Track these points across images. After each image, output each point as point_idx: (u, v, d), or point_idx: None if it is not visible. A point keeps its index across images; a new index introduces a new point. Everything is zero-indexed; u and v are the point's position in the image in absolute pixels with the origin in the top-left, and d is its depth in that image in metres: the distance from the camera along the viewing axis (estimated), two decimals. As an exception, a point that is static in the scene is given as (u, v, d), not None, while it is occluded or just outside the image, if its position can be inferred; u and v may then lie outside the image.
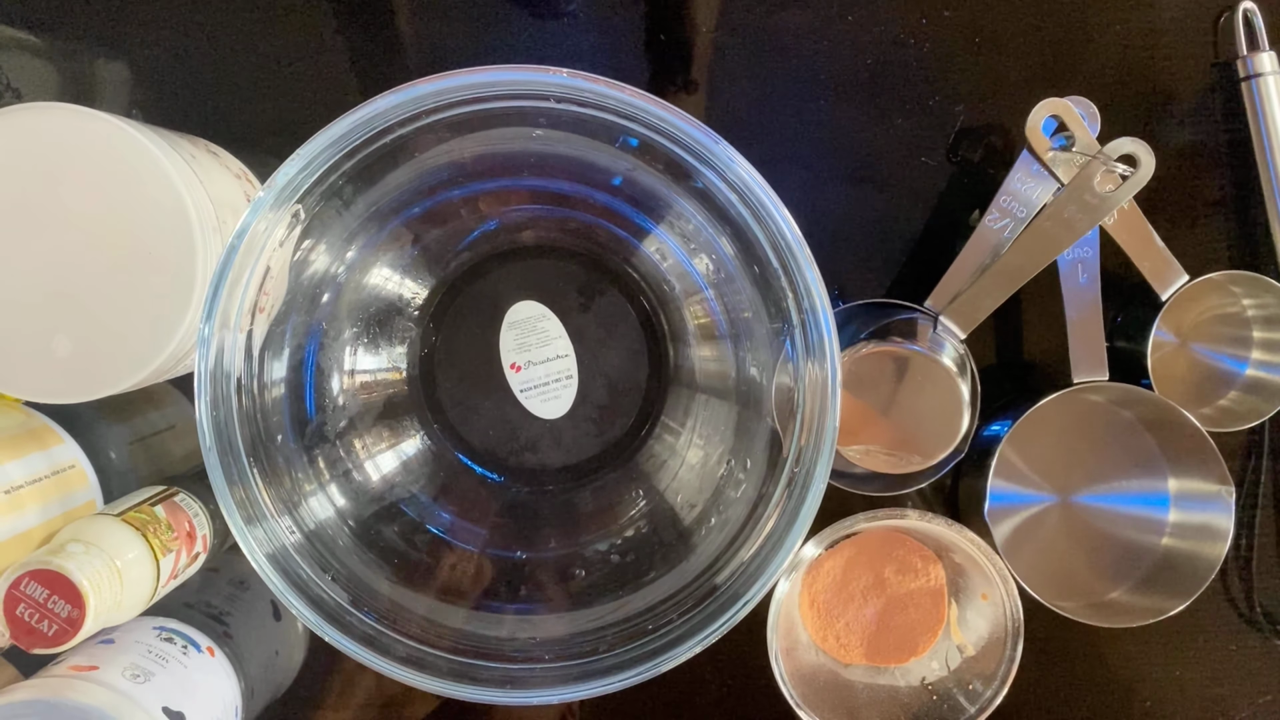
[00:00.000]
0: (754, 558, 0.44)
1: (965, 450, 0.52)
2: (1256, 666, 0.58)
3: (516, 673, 0.43)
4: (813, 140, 0.55)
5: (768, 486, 0.45)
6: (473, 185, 0.48)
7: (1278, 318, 0.53)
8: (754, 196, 0.41)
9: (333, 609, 0.42)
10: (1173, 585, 0.52)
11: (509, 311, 0.51)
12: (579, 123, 0.42)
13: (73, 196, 0.42)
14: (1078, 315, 0.51)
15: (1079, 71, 0.55)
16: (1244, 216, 0.55)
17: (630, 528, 0.50)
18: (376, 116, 0.40)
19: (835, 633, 0.54)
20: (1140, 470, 0.55)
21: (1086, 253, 0.51)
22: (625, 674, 0.42)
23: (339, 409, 0.48)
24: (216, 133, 0.52)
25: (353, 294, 0.48)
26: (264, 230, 0.40)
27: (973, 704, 0.51)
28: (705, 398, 0.51)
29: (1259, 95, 0.53)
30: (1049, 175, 0.50)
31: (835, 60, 0.54)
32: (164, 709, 0.45)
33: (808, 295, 0.42)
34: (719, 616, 0.42)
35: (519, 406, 0.51)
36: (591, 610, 0.47)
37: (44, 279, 0.43)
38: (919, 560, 0.54)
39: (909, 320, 0.51)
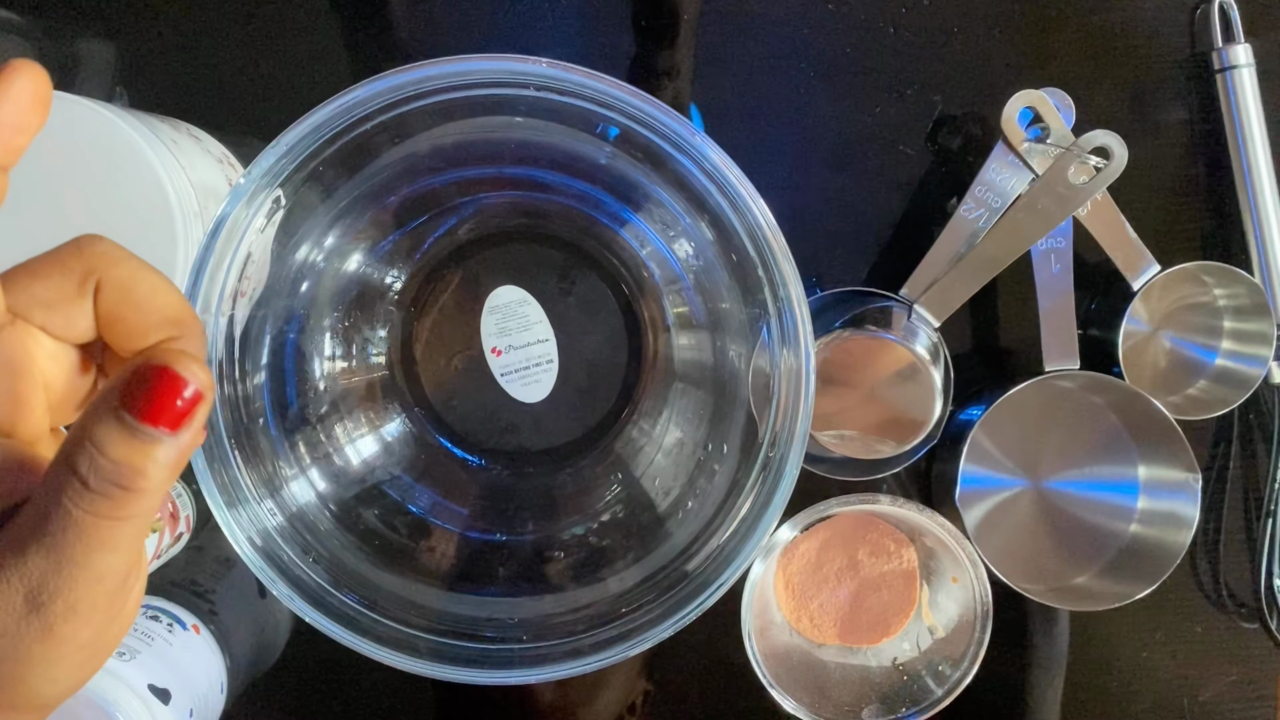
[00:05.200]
0: (729, 541, 0.44)
1: (938, 436, 0.52)
2: (1223, 648, 0.59)
3: (495, 653, 0.44)
4: (792, 128, 0.55)
5: (743, 471, 0.46)
6: (454, 172, 0.49)
7: (1248, 308, 0.54)
8: (730, 185, 0.42)
9: (314, 590, 0.42)
10: (1138, 571, 0.53)
11: (490, 296, 0.51)
12: (559, 111, 0.43)
13: (53, 182, 0.43)
14: (1050, 304, 0.52)
15: (1056, 62, 0.55)
16: (1217, 207, 0.56)
17: (607, 512, 0.51)
18: (358, 104, 0.40)
19: (809, 613, 0.55)
20: (1110, 457, 0.56)
21: (1059, 242, 0.52)
22: (602, 654, 0.43)
23: (320, 393, 0.49)
24: (199, 115, 0.52)
25: (334, 279, 0.48)
26: (245, 216, 0.40)
27: (941, 685, 0.52)
28: (683, 385, 0.51)
29: (1233, 87, 0.53)
30: (1024, 166, 0.51)
31: (815, 48, 0.55)
32: (149, 686, 0.46)
33: (783, 285, 0.42)
34: (694, 599, 0.43)
35: (500, 390, 0.52)
36: (569, 592, 0.48)
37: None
38: (892, 543, 0.55)
39: (884, 308, 0.52)
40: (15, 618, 0.21)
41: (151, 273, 0.24)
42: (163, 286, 0.24)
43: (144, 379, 0.21)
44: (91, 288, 0.23)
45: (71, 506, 0.21)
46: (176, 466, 0.22)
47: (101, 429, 0.21)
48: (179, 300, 0.24)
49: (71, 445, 0.21)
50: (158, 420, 0.21)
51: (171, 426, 0.21)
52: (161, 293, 0.24)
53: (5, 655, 0.22)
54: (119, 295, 0.23)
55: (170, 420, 0.21)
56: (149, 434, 0.21)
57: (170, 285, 0.24)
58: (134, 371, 0.21)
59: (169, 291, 0.24)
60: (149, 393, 0.21)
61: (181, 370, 0.21)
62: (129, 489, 0.21)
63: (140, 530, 0.22)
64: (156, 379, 0.21)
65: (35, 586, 0.21)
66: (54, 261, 0.24)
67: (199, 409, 0.22)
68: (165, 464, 0.21)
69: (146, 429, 0.21)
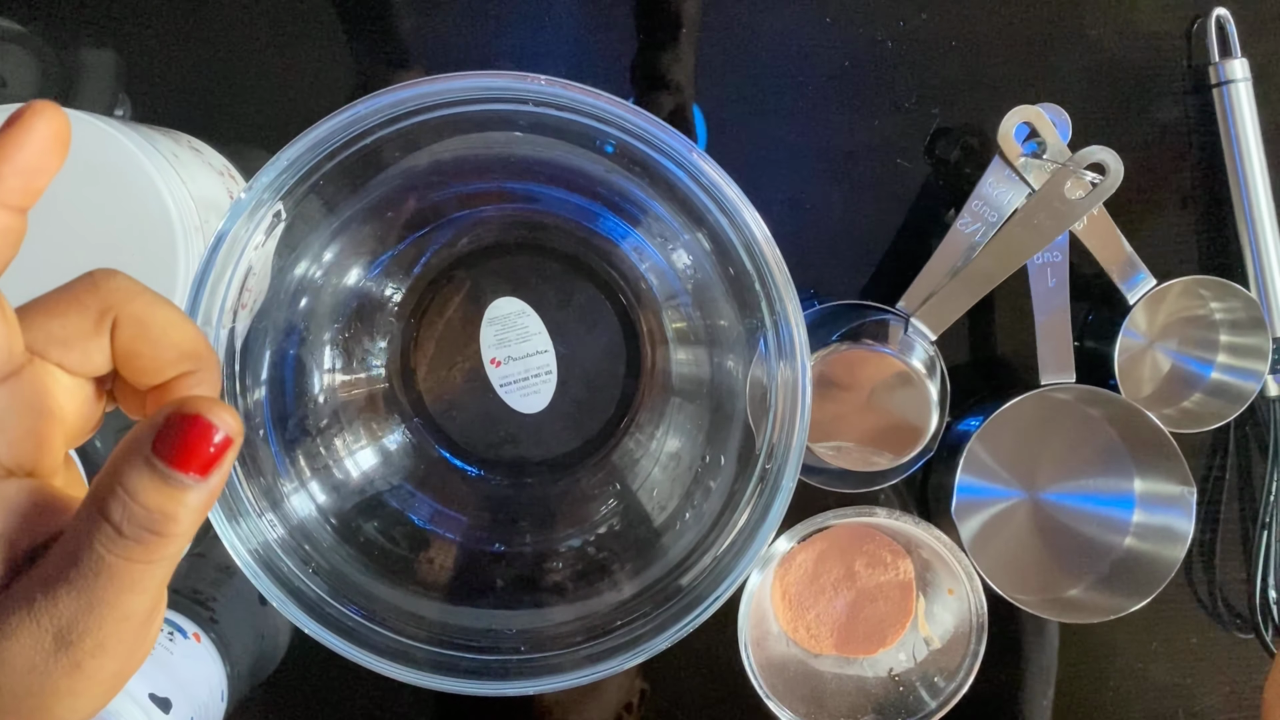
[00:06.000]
0: (726, 554, 0.45)
1: (935, 448, 0.53)
2: (1218, 659, 0.59)
3: (493, 664, 0.44)
4: (790, 140, 0.55)
5: (740, 484, 0.46)
6: (454, 186, 0.49)
7: (1244, 322, 0.54)
8: (727, 201, 0.42)
9: (313, 601, 0.43)
10: (1134, 584, 0.54)
11: (489, 308, 0.51)
12: (558, 126, 0.43)
13: (54, 197, 0.43)
14: (1046, 317, 0.52)
15: (1053, 75, 0.55)
16: (1213, 221, 0.56)
17: (605, 524, 0.51)
18: (359, 119, 0.40)
19: (806, 624, 0.55)
20: (1106, 470, 0.56)
21: (1055, 257, 0.52)
22: (600, 665, 0.43)
23: (320, 405, 0.49)
24: (201, 126, 0.52)
25: (334, 292, 0.49)
26: (245, 231, 0.41)
27: (936, 697, 0.53)
28: (680, 398, 0.52)
29: (1230, 101, 0.54)
30: (1020, 181, 0.51)
31: (814, 61, 0.55)
32: (150, 695, 0.46)
33: (780, 299, 0.43)
34: (691, 611, 0.43)
35: (499, 401, 0.52)
36: (567, 604, 0.48)
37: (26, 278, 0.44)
38: (888, 554, 0.56)
39: (881, 322, 0.52)
40: (44, 655, 0.22)
41: (167, 307, 0.24)
42: (178, 321, 0.24)
43: (176, 427, 0.21)
44: (109, 324, 0.23)
45: (104, 552, 0.21)
46: (205, 509, 0.22)
47: (134, 476, 0.21)
48: (195, 334, 0.25)
49: (103, 492, 0.21)
50: (189, 467, 0.21)
51: (202, 472, 0.21)
52: (177, 327, 0.24)
53: (33, 689, 0.22)
54: (135, 331, 0.24)
55: (201, 466, 0.21)
56: (181, 481, 0.21)
57: (185, 319, 0.25)
58: (166, 420, 0.21)
59: (184, 326, 0.24)
60: (182, 441, 0.21)
61: (213, 418, 0.22)
62: (161, 534, 0.22)
63: (168, 571, 0.22)
64: (189, 427, 0.21)
65: (65, 626, 0.22)
66: (70, 298, 0.24)
67: (228, 454, 0.22)
68: (195, 508, 0.22)
69: (179, 476, 0.21)
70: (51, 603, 0.21)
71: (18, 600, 0.22)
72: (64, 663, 0.22)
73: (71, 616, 0.21)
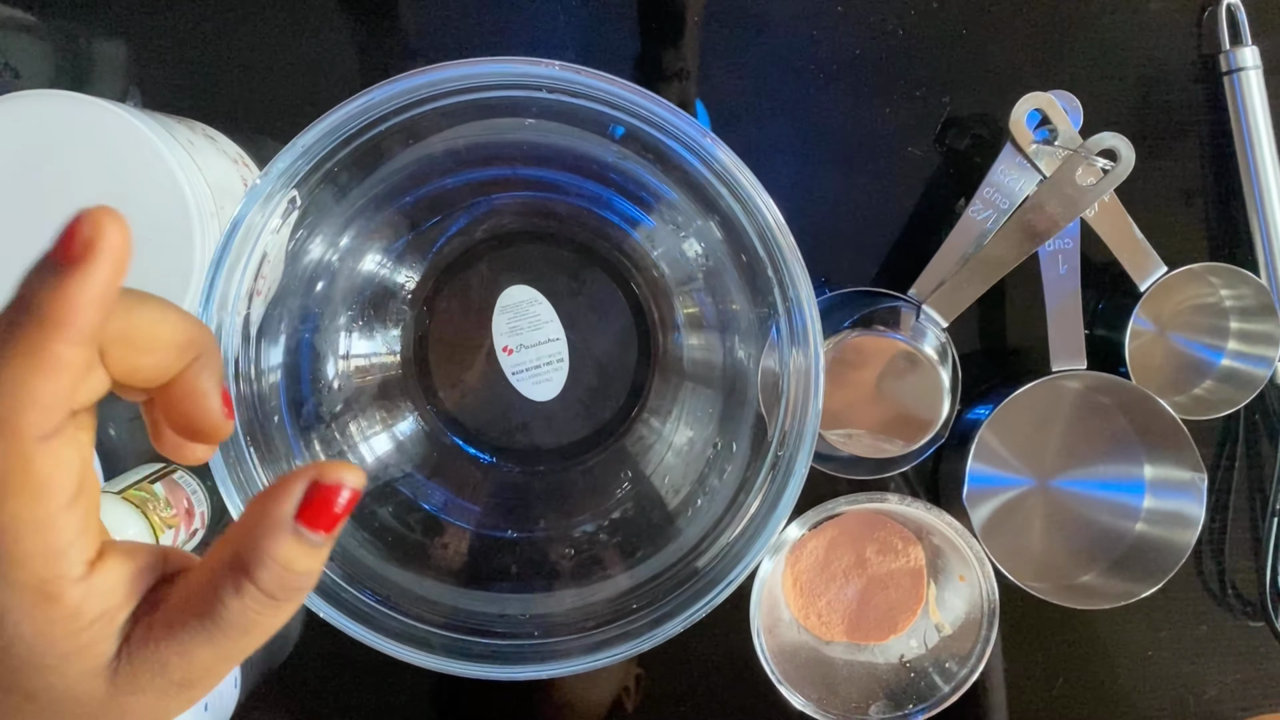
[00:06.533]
0: (738, 539, 0.45)
1: (946, 435, 0.53)
2: (1227, 646, 0.59)
3: (507, 649, 0.44)
4: (801, 129, 0.55)
5: (752, 470, 0.46)
6: (467, 173, 0.49)
7: (1254, 309, 0.54)
8: (739, 186, 0.42)
9: (328, 586, 0.43)
10: (1144, 569, 0.54)
11: (501, 296, 0.52)
12: (570, 113, 0.43)
13: (71, 183, 0.43)
14: (1057, 304, 0.53)
15: (1064, 63, 0.55)
16: (1223, 209, 0.56)
17: (618, 509, 0.51)
18: (371, 107, 0.41)
19: (817, 611, 0.55)
20: (1116, 456, 0.56)
21: (1067, 244, 0.52)
22: (613, 650, 0.43)
23: (334, 391, 0.49)
24: (214, 115, 0.52)
25: (347, 279, 0.49)
26: (260, 217, 0.41)
27: (948, 683, 0.53)
28: (693, 385, 0.52)
29: (1240, 89, 0.54)
30: (1032, 168, 0.51)
31: (824, 49, 0.55)
32: (164, 680, 0.46)
33: (793, 285, 0.43)
34: (703, 596, 0.43)
35: (511, 389, 0.52)
36: (580, 589, 0.48)
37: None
38: (899, 541, 0.56)
39: (893, 308, 0.53)
40: (165, 700, 0.23)
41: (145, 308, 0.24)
42: (160, 318, 0.24)
43: (319, 496, 0.23)
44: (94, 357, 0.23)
45: (256, 615, 0.23)
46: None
47: (286, 548, 0.23)
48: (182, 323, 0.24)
49: (251, 563, 0.23)
50: (329, 529, 0.23)
51: (330, 529, 0.23)
52: (163, 325, 0.24)
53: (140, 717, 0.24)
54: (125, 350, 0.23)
55: (331, 526, 0.23)
56: (320, 541, 0.23)
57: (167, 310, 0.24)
58: (309, 493, 0.23)
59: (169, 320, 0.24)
60: (324, 508, 0.23)
61: (348, 481, 0.23)
62: (304, 589, 0.24)
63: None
64: (330, 495, 0.23)
65: (195, 676, 0.23)
66: None
67: (352, 509, 0.23)
68: (326, 558, 0.24)
69: (319, 538, 0.23)
70: (187, 661, 0.23)
71: (146, 664, 0.23)
72: (182, 700, 0.24)
73: (205, 668, 0.23)
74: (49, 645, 0.22)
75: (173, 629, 0.23)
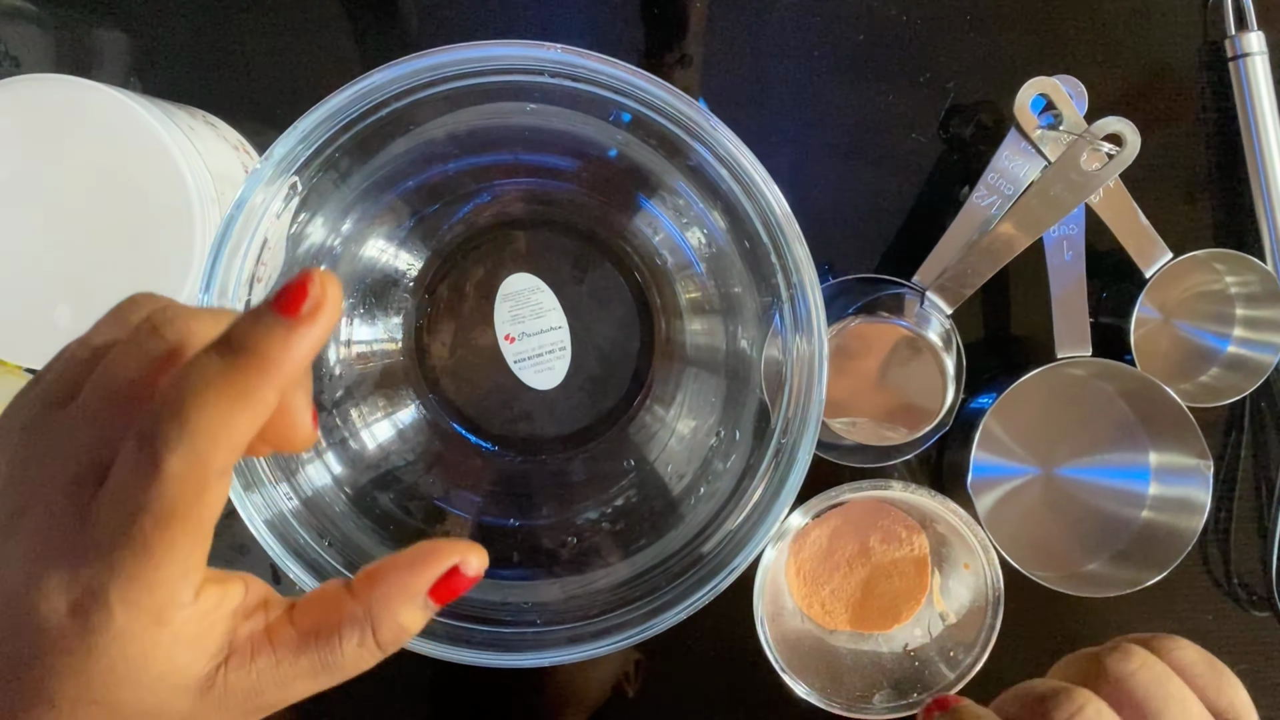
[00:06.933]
0: (740, 527, 0.45)
1: (950, 423, 0.53)
2: (1232, 636, 0.59)
3: (509, 636, 0.44)
4: (805, 115, 0.55)
5: (755, 457, 0.46)
6: (468, 159, 0.49)
7: (1260, 295, 0.54)
8: (744, 172, 0.42)
9: (330, 574, 0.43)
10: (1150, 557, 0.53)
11: (503, 284, 0.51)
12: (572, 97, 0.43)
13: (72, 168, 0.43)
14: (1062, 291, 0.52)
15: (1069, 49, 0.55)
16: (1229, 195, 0.56)
17: (620, 497, 0.51)
18: (372, 91, 0.40)
19: (821, 599, 0.55)
20: (1122, 444, 0.56)
21: (1072, 230, 0.52)
22: (614, 638, 0.43)
23: (335, 378, 0.49)
24: (215, 103, 0.52)
25: (349, 265, 0.49)
26: (261, 202, 0.41)
27: (953, 670, 0.52)
28: (695, 370, 0.51)
29: (1246, 75, 0.53)
30: (1036, 153, 0.51)
31: (828, 35, 0.55)
32: (165, 669, 0.46)
33: (796, 271, 0.43)
34: (706, 583, 0.43)
35: (513, 377, 0.52)
36: (582, 576, 0.48)
37: (45, 250, 0.44)
38: (903, 530, 0.55)
39: (896, 295, 0.52)
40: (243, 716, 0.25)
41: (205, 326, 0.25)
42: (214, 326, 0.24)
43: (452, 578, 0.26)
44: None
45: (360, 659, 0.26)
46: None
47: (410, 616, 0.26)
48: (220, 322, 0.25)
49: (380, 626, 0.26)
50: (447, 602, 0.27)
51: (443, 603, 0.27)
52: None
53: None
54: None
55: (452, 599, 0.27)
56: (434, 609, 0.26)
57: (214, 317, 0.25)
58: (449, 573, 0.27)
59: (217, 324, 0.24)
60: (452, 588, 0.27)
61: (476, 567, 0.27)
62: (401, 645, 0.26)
63: None
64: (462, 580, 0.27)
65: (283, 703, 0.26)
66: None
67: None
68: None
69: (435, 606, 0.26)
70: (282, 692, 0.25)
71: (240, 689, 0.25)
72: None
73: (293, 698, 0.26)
74: (148, 664, 0.23)
75: (280, 662, 0.25)
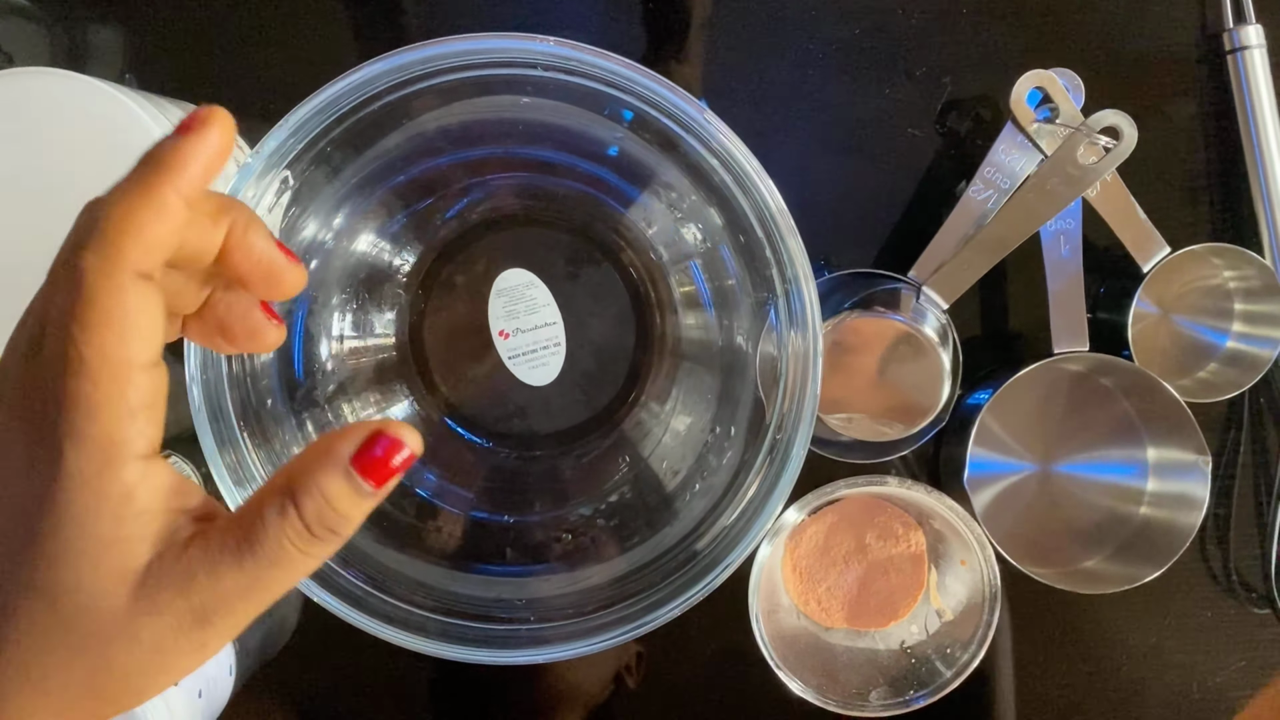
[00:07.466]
0: (735, 523, 0.45)
1: (947, 419, 0.52)
2: (1231, 633, 0.59)
3: (502, 633, 0.44)
4: (801, 110, 0.55)
5: (750, 453, 0.46)
6: (461, 152, 0.49)
7: (1259, 290, 0.54)
8: (739, 166, 0.42)
9: (322, 570, 0.43)
10: (1148, 553, 0.53)
11: (497, 279, 0.51)
12: (566, 91, 0.43)
13: (63, 162, 0.43)
14: (1059, 286, 0.52)
15: (1066, 43, 0.55)
16: (1227, 189, 0.56)
17: (614, 493, 0.51)
18: (364, 83, 0.40)
19: (817, 597, 0.55)
20: (1119, 440, 0.56)
21: (1069, 224, 0.52)
22: (609, 634, 0.43)
23: (328, 374, 0.49)
24: (207, 98, 0.52)
25: (341, 260, 0.48)
26: (253, 196, 0.41)
27: (949, 668, 0.52)
28: (690, 366, 0.51)
29: (1244, 68, 0.53)
30: (1033, 147, 0.50)
31: (824, 30, 0.54)
32: (157, 666, 0.46)
33: (791, 265, 0.42)
34: (700, 580, 0.43)
35: (507, 373, 0.52)
36: (576, 573, 0.48)
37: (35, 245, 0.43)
38: (900, 526, 0.55)
39: (893, 290, 0.52)
40: (177, 634, 0.24)
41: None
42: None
43: (377, 446, 0.24)
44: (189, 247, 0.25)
45: (288, 544, 0.24)
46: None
47: (334, 484, 0.24)
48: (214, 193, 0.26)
49: (300, 491, 0.24)
50: (379, 482, 0.24)
51: (380, 484, 0.24)
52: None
53: (147, 671, 0.24)
54: None
55: (383, 479, 0.24)
56: (368, 491, 0.24)
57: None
58: (369, 438, 0.24)
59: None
60: (379, 458, 0.24)
61: (408, 441, 0.24)
62: (338, 535, 0.24)
63: (318, 565, 0.25)
64: (389, 446, 0.24)
65: (214, 606, 0.24)
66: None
67: (404, 469, 0.24)
68: (367, 513, 0.25)
69: (367, 487, 0.24)
70: (213, 582, 0.23)
71: (172, 578, 0.23)
72: (194, 642, 0.24)
73: (226, 597, 0.24)
74: (95, 526, 0.23)
75: (208, 547, 0.23)
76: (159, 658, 0.24)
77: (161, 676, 0.24)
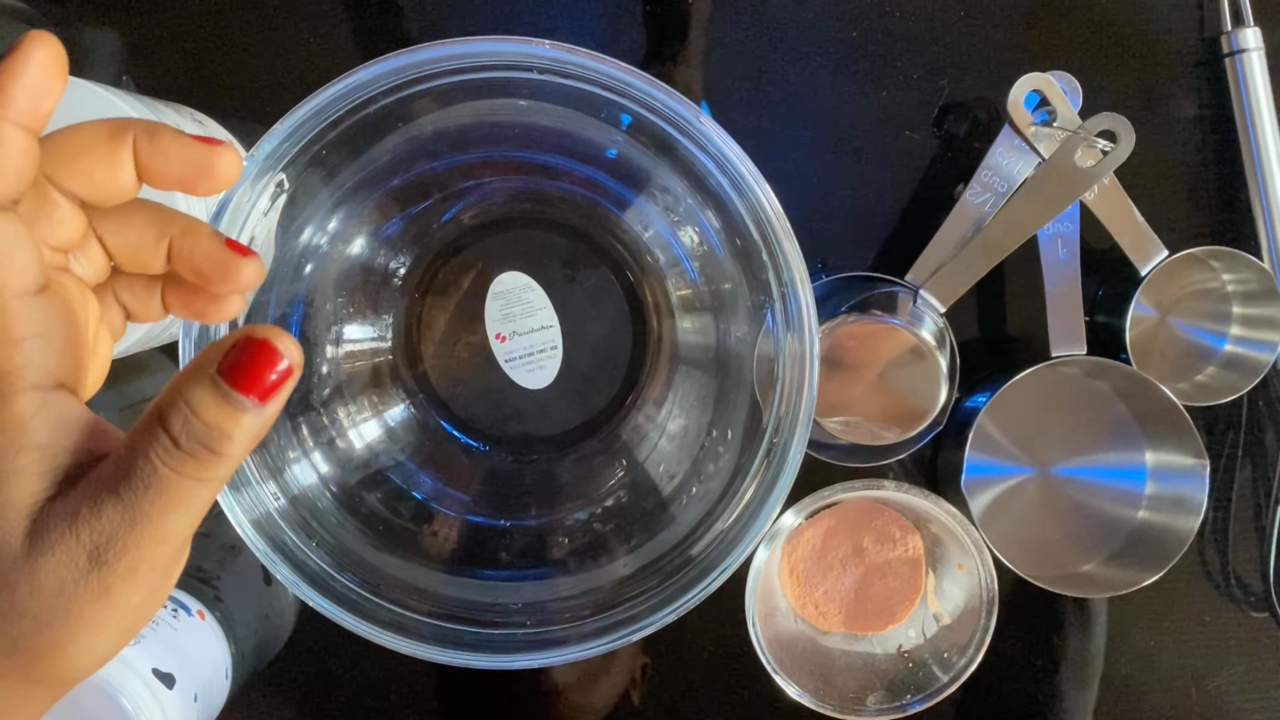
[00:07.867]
0: (732, 527, 0.44)
1: (944, 423, 0.52)
2: (1229, 638, 0.58)
3: (498, 638, 0.44)
4: (798, 114, 0.55)
5: (746, 457, 0.46)
6: (457, 156, 0.48)
7: (1257, 293, 0.54)
8: (735, 170, 0.41)
9: (317, 574, 0.42)
10: (1146, 558, 0.53)
11: (494, 282, 0.51)
12: (563, 94, 0.43)
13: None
14: (1057, 289, 0.52)
15: (1063, 46, 0.55)
16: (1225, 192, 0.56)
17: (611, 497, 0.50)
18: (360, 87, 0.40)
19: (814, 600, 0.55)
20: (1118, 444, 0.56)
21: (1066, 227, 0.52)
22: (606, 639, 0.43)
23: (324, 377, 0.49)
24: (204, 101, 0.52)
25: (337, 264, 0.48)
26: (248, 200, 0.40)
27: (947, 672, 0.52)
28: (687, 369, 0.51)
29: (1242, 71, 0.53)
30: (1030, 150, 0.50)
31: (822, 33, 0.54)
32: (153, 670, 0.46)
33: (787, 268, 0.42)
34: (697, 584, 0.43)
35: (504, 376, 0.51)
36: (572, 577, 0.47)
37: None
38: (897, 530, 0.55)
39: (890, 294, 0.52)
40: (76, 575, 0.22)
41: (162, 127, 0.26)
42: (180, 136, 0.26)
43: (243, 351, 0.23)
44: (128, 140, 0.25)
45: (159, 464, 0.22)
46: (258, 436, 0.23)
47: (198, 393, 0.22)
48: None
49: (165, 405, 0.22)
50: (250, 390, 0.22)
51: (261, 398, 0.23)
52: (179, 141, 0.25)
53: (55, 617, 0.22)
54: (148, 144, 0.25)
55: (261, 392, 0.23)
56: (241, 402, 0.22)
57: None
58: (235, 343, 0.23)
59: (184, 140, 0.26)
60: (247, 364, 0.22)
61: (279, 346, 0.23)
62: (215, 451, 0.23)
63: (211, 497, 0.23)
64: (256, 352, 0.23)
65: (104, 543, 0.22)
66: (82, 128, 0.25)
67: (287, 384, 0.23)
68: (250, 431, 0.23)
69: (239, 397, 0.22)
70: (95, 515, 0.22)
71: (60, 514, 0.22)
72: (94, 585, 0.22)
73: (113, 531, 0.22)
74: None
75: (90, 480, 0.23)
76: (65, 603, 0.22)
77: (80, 632, 0.23)
